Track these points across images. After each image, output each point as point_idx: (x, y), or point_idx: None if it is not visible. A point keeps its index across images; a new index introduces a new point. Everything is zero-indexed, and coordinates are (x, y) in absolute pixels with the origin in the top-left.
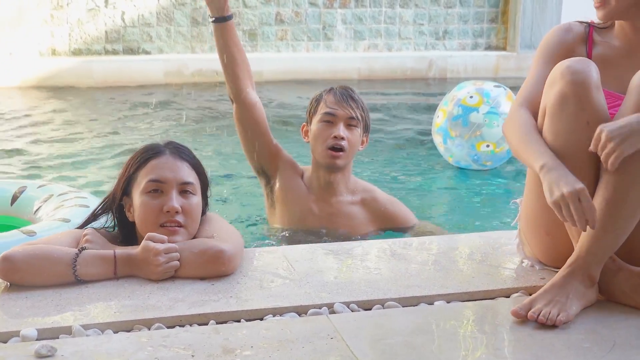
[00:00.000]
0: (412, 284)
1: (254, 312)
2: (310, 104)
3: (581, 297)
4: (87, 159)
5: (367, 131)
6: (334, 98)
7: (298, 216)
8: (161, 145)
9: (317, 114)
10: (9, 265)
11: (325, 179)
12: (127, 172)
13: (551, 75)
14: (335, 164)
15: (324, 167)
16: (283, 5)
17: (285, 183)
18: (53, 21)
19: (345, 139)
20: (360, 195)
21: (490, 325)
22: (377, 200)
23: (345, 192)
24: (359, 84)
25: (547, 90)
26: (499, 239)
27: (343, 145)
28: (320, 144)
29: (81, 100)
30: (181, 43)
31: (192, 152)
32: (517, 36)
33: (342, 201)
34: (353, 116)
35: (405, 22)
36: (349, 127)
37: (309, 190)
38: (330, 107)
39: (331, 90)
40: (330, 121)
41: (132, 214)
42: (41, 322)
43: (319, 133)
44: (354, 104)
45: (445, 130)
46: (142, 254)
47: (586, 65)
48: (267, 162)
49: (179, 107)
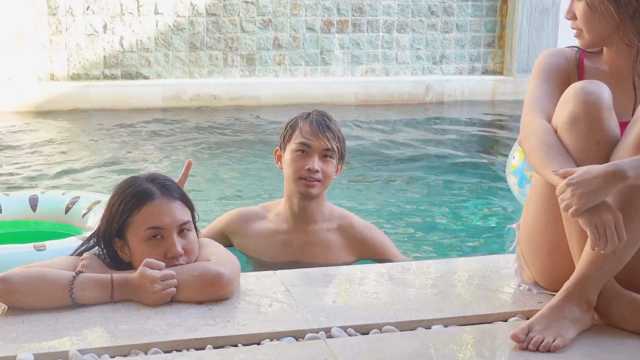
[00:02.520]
0: (409, 308)
1: (251, 337)
2: (285, 129)
3: (577, 321)
4: (83, 183)
5: (342, 160)
6: (309, 128)
7: (272, 252)
8: (148, 184)
9: (291, 142)
10: (6, 286)
11: (299, 207)
12: (119, 217)
13: (564, 95)
14: (310, 192)
15: (297, 195)
16: (281, 30)
17: (243, 239)
18: (52, 46)
19: (320, 170)
20: (336, 222)
21: (489, 349)
22: (353, 226)
23: (320, 219)
24: (357, 108)
25: (559, 110)
26: (497, 263)
27: (317, 177)
28: (294, 174)
29: (79, 124)
30: (179, 68)
31: (177, 184)
32: (514, 60)
33: (318, 229)
34: (329, 147)
35: (403, 47)
36: (323, 159)
37: (281, 221)
38: (306, 138)
39: (307, 117)
40: (305, 151)
41: (127, 256)
42: (38, 347)
43: (292, 163)
44: (330, 135)
45: (521, 172)
46: (138, 279)
47: (599, 87)
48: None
49: (177, 131)
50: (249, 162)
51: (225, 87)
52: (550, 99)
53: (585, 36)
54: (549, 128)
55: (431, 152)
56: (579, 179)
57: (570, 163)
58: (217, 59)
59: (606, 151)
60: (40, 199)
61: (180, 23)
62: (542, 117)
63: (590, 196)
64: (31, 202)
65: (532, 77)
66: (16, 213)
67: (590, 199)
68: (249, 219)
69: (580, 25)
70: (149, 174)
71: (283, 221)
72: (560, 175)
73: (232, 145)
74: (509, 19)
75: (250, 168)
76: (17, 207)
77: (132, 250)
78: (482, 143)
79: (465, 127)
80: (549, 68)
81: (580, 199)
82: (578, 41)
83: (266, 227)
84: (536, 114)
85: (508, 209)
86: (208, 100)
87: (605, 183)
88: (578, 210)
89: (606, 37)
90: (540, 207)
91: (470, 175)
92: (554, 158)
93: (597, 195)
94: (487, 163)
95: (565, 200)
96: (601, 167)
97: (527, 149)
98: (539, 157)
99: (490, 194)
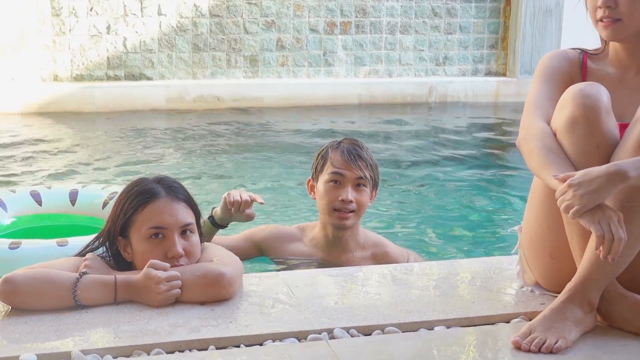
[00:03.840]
0: (412, 309)
1: (253, 338)
2: (316, 159)
3: (580, 322)
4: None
5: (376, 187)
6: (341, 157)
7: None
8: (154, 184)
9: (323, 172)
10: (10, 287)
11: (334, 236)
12: (123, 215)
13: (562, 98)
14: (344, 224)
15: (332, 226)
16: (284, 32)
17: (277, 259)
18: (55, 47)
19: (354, 201)
20: (370, 250)
21: (491, 350)
22: (388, 254)
23: (355, 247)
24: (360, 110)
25: (558, 113)
26: (499, 264)
27: (351, 208)
28: (327, 204)
29: (83, 125)
30: (182, 69)
31: (184, 187)
32: (517, 62)
33: (352, 257)
34: (361, 176)
35: (406, 48)
36: (357, 188)
37: (316, 248)
38: (338, 168)
39: (338, 146)
40: (338, 181)
41: (130, 255)
42: (40, 348)
43: (326, 194)
44: (362, 164)
45: None
46: (143, 280)
47: (597, 90)
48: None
49: (180, 132)
50: (252, 163)
51: (229, 88)
52: (551, 102)
53: (625, 25)
54: (548, 131)
55: (434, 154)
56: (580, 180)
57: (569, 166)
58: (221, 60)
59: (605, 153)
60: (80, 193)
61: (184, 24)
62: (541, 120)
63: (592, 196)
64: (71, 196)
65: (534, 78)
66: (57, 207)
67: (591, 199)
68: (284, 239)
69: (622, 13)
70: (156, 176)
71: (317, 247)
72: (561, 180)
73: (235, 146)
74: (512, 20)
75: (253, 169)
76: (57, 200)
77: (133, 249)
78: (485, 144)
79: (468, 128)
80: (551, 70)
81: (582, 199)
82: (605, 31)
83: (301, 250)
84: (536, 116)
85: (511, 210)
86: (211, 102)
87: (607, 183)
88: (579, 210)
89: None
90: (541, 210)
91: (472, 177)
92: (553, 161)
93: (598, 195)
94: (489, 165)
95: (567, 201)
96: (602, 168)
97: (526, 151)
98: (538, 160)
99: (493, 196)
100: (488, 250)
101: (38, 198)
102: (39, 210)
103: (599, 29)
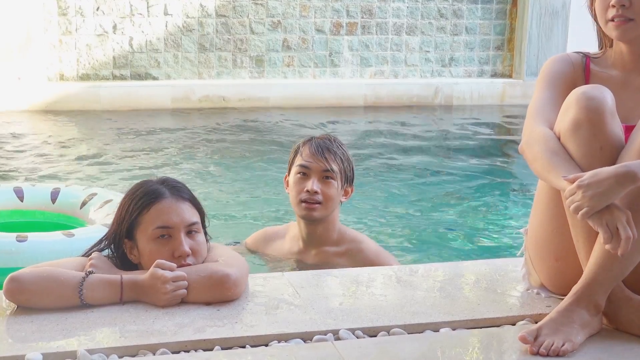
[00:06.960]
0: (417, 310)
1: (259, 338)
2: (290, 154)
3: (586, 325)
4: (89, 184)
5: (350, 182)
6: (309, 150)
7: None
8: (158, 185)
9: (294, 165)
10: (16, 285)
11: (306, 230)
12: (129, 217)
13: (566, 101)
14: (312, 215)
15: (301, 219)
16: (290, 32)
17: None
18: (61, 46)
19: (320, 192)
20: (346, 246)
21: (496, 353)
22: (363, 251)
23: (329, 243)
24: (365, 111)
25: (562, 116)
26: (505, 266)
27: (317, 199)
28: (295, 197)
29: (88, 125)
30: (188, 69)
31: (188, 187)
32: (523, 64)
33: (325, 252)
34: (328, 168)
35: (412, 49)
36: (324, 180)
37: (294, 243)
38: (305, 160)
39: (309, 141)
40: (304, 173)
41: (136, 257)
42: (46, 347)
43: (294, 185)
44: (329, 156)
45: None
46: (149, 280)
47: (601, 92)
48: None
49: (186, 132)
50: (257, 163)
51: (234, 89)
52: (553, 107)
53: (637, 25)
54: (551, 135)
55: (439, 155)
56: (589, 181)
57: (574, 168)
58: (226, 60)
59: (610, 156)
60: (62, 192)
61: (190, 24)
62: (544, 125)
63: (601, 197)
64: (52, 194)
65: (536, 84)
66: (37, 204)
67: (601, 200)
68: (270, 238)
69: (635, 13)
70: (160, 178)
71: (295, 243)
72: (570, 180)
73: (240, 147)
74: (518, 22)
75: (258, 169)
76: (39, 197)
77: (140, 250)
78: (491, 146)
79: (474, 130)
80: (554, 75)
81: (591, 200)
82: (616, 30)
83: (281, 247)
84: (538, 121)
85: (516, 212)
86: (217, 102)
87: (616, 184)
88: (589, 212)
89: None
90: (547, 213)
91: (478, 178)
92: (559, 164)
93: (607, 196)
94: (495, 166)
95: (576, 202)
96: (611, 169)
97: (530, 156)
98: (543, 164)
99: (499, 198)
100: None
101: (20, 194)
102: (20, 206)
103: (609, 29)
